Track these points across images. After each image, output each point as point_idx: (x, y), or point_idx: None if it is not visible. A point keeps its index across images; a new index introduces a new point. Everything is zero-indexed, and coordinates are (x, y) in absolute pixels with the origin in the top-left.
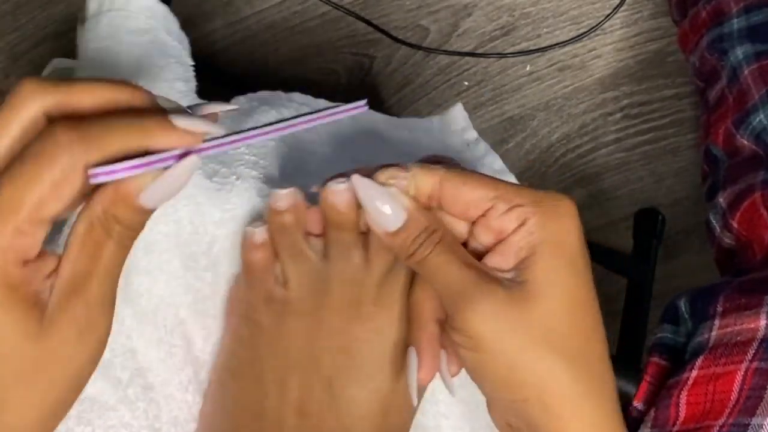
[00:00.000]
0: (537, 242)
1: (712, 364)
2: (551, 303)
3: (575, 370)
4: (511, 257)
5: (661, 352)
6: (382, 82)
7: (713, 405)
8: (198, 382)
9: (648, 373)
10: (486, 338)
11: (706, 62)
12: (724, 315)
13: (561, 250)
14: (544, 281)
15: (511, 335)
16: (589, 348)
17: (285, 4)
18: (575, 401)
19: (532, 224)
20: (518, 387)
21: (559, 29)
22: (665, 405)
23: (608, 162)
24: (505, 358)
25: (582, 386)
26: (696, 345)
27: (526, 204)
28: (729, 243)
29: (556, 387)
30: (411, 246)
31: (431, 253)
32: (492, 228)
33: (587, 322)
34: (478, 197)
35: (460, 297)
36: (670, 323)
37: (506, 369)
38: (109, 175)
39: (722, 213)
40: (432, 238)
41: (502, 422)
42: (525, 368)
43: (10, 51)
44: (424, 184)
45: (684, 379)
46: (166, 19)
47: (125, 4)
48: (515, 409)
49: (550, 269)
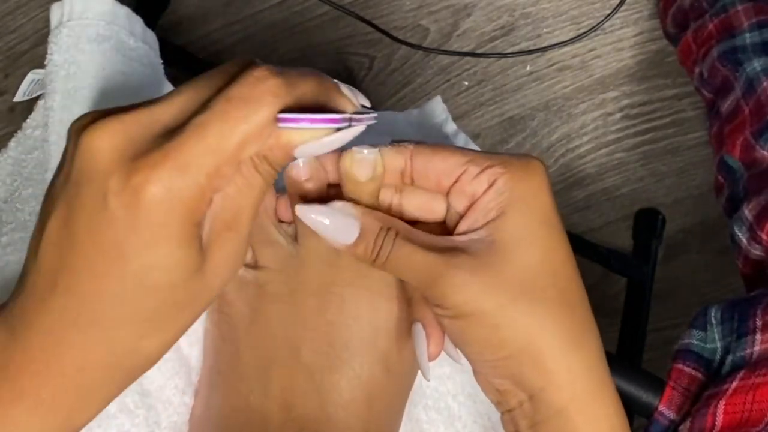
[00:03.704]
0: (507, 201)
1: (752, 375)
2: (524, 258)
3: (556, 319)
4: (482, 219)
5: (686, 358)
6: (382, 82)
7: (751, 414)
8: (193, 385)
9: (671, 378)
10: (463, 304)
11: (718, 73)
12: (765, 329)
13: (531, 206)
14: (514, 238)
15: (488, 296)
16: (568, 297)
17: (285, 4)
18: (559, 350)
19: (501, 184)
20: (502, 345)
21: (559, 29)
22: (702, 414)
23: (608, 162)
24: (486, 319)
25: (565, 335)
26: (738, 359)
27: (496, 165)
28: (758, 255)
29: (539, 338)
30: (373, 251)
31: (392, 250)
32: (465, 192)
33: (564, 272)
34: (450, 164)
35: (430, 279)
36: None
37: (488, 329)
38: (294, 122)
39: (749, 225)
40: (389, 235)
41: (490, 387)
42: (507, 325)
43: (9, 51)
44: (395, 161)
45: (723, 389)
46: (129, 21)
47: (83, 13)
48: (501, 368)
49: (521, 225)
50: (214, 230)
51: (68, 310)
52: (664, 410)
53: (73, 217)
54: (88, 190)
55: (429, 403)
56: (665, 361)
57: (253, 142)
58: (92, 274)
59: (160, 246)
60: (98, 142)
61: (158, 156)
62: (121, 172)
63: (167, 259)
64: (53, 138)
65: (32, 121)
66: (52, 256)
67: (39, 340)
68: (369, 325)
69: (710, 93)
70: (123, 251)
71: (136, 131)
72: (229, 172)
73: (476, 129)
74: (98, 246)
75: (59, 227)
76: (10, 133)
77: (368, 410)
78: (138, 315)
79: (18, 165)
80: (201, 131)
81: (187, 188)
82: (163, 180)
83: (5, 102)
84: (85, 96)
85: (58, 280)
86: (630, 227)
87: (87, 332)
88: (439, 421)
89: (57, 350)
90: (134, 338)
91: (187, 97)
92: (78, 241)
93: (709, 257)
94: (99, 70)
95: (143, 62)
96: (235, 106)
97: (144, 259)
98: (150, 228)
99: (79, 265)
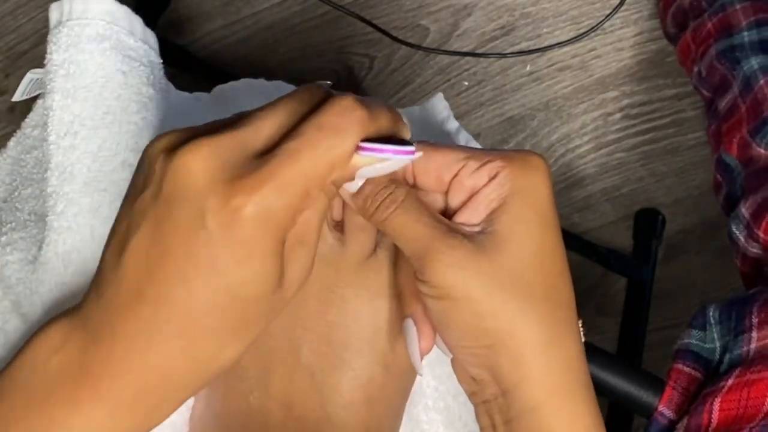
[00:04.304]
0: (508, 193)
1: (747, 372)
2: (518, 250)
3: (541, 315)
4: (482, 210)
5: (686, 358)
6: (382, 82)
7: (746, 410)
8: None
9: (671, 378)
10: (452, 286)
11: (716, 71)
12: (761, 326)
13: (530, 201)
14: (512, 229)
15: (477, 282)
16: (555, 295)
17: (285, 4)
18: (540, 346)
19: (503, 177)
20: (483, 333)
21: (559, 29)
22: (698, 412)
23: (608, 162)
24: (471, 305)
25: (547, 332)
26: (735, 357)
27: (497, 159)
28: (756, 253)
29: (520, 332)
30: (372, 204)
31: (395, 212)
32: (464, 186)
33: (554, 269)
34: (450, 159)
35: (425, 250)
36: (697, 329)
37: (472, 316)
38: (378, 152)
39: (746, 223)
40: (394, 196)
41: (466, 376)
42: (491, 314)
43: (9, 51)
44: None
45: (719, 387)
46: (129, 20)
47: (83, 12)
48: (480, 356)
49: (519, 218)
50: (289, 245)
51: (156, 318)
52: (663, 410)
53: (166, 233)
54: (183, 209)
55: (429, 403)
56: (665, 361)
57: (339, 167)
58: (185, 287)
59: (253, 262)
60: (194, 164)
61: (256, 179)
62: (218, 193)
63: (257, 274)
64: (52, 138)
65: (31, 121)
66: (139, 268)
67: (124, 346)
68: (369, 326)
69: (708, 91)
70: (218, 266)
71: (227, 154)
72: (317, 194)
73: (476, 129)
74: (193, 260)
75: (148, 242)
76: (10, 133)
77: (368, 410)
78: (223, 326)
79: (17, 165)
80: (295, 157)
81: (281, 209)
82: (261, 202)
83: (5, 102)
84: (85, 95)
85: (146, 290)
86: (630, 227)
87: (172, 340)
88: (439, 421)
89: (142, 356)
90: (216, 347)
91: (272, 122)
92: (171, 255)
93: (709, 257)
94: (99, 69)
95: (143, 62)
96: (326, 135)
97: (237, 274)
98: (245, 245)
99: (172, 277)
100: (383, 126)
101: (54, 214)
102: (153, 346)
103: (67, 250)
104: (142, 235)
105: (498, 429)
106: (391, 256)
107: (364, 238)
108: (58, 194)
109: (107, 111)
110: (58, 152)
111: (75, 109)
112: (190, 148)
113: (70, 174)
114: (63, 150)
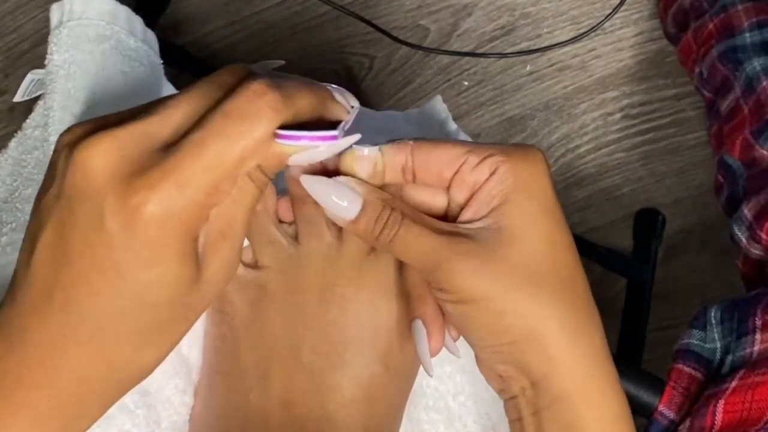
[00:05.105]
0: (509, 188)
1: (752, 374)
2: (529, 244)
3: (560, 306)
4: (485, 206)
5: (686, 358)
6: (382, 82)
7: (750, 413)
8: (193, 384)
9: (671, 378)
10: (468, 289)
11: (717, 72)
12: (765, 328)
13: (533, 193)
14: (519, 224)
15: (494, 281)
16: (571, 285)
17: (285, 4)
18: (563, 337)
19: (503, 172)
20: (506, 330)
21: (559, 29)
22: (701, 414)
23: (608, 162)
24: (490, 304)
25: (568, 322)
26: (738, 359)
27: (497, 154)
28: (758, 254)
29: (542, 325)
30: (375, 228)
31: (399, 231)
32: (466, 182)
33: (567, 260)
34: (451, 155)
35: (436, 263)
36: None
37: (493, 315)
38: (294, 139)
39: (748, 224)
40: (394, 216)
41: (493, 374)
42: (511, 311)
43: (9, 51)
44: (396, 157)
45: (723, 389)
46: (129, 21)
47: (84, 13)
48: (505, 353)
49: (525, 212)
50: (208, 240)
51: (67, 324)
52: (664, 410)
53: (68, 234)
54: (83, 209)
55: (429, 403)
56: (665, 361)
57: (251, 158)
58: (90, 291)
59: (159, 264)
60: (93, 160)
61: (156, 175)
62: (117, 191)
63: (166, 276)
64: (53, 138)
65: (32, 121)
66: (46, 269)
67: (37, 353)
68: (369, 325)
69: (710, 92)
70: (121, 270)
71: (130, 147)
72: (228, 187)
73: (476, 129)
74: (96, 264)
75: (53, 242)
76: (10, 133)
77: (368, 410)
78: (136, 330)
79: (18, 165)
80: (198, 149)
81: (186, 207)
82: (162, 200)
83: (5, 102)
84: (85, 96)
85: (54, 293)
86: (630, 227)
87: (85, 346)
88: (439, 421)
89: (55, 363)
90: (132, 351)
91: (182, 110)
92: (74, 257)
93: (709, 257)
94: (99, 70)
95: (143, 62)
96: (234, 123)
97: (143, 278)
98: (148, 247)
99: (77, 281)
100: (303, 109)
101: None
102: (66, 353)
103: None
104: (48, 235)
105: (525, 420)
106: (392, 256)
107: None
108: None
109: (107, 111)
110: None
111: (75, 110)
112: (90, 143)
113: None
114: None
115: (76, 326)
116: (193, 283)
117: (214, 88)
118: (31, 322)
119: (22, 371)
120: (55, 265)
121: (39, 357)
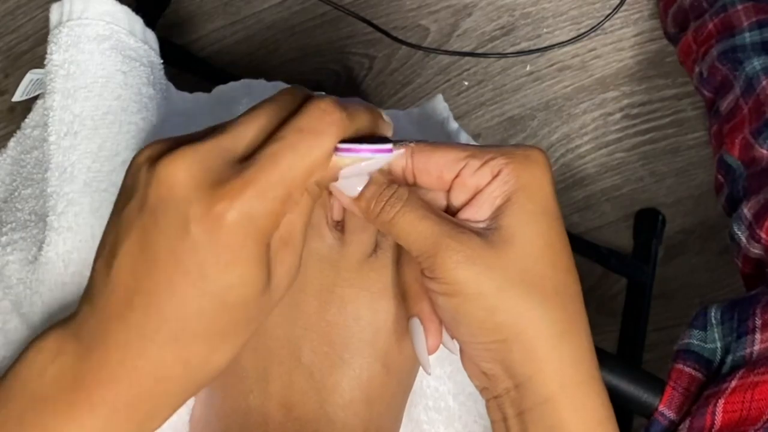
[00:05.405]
0: (512, 190)
1: (751, 374)
2: (527, 245)
3: (552, 309)
4: (487, 207)
5: (686, 358)
6: (382, 82)
7: (750, 412)
8: None
9: (671, 378)
10: (463, 282)
11: (717, 72)
12: (765, 328)
13: (535, 196)
14: (519, 225)
15: (488, 277)
16: (564, 288)
17: (285, 4)
18: (551, 340)
19: (506, 174)
20: (496, 328)
21: (559, 29)
22: (701, 413)
23: (608, 162)
24: (483, 300)
25: (559, 325)
26: (738, 359)
27: (499, 157)
28: (757, 254)
29: (533, 326)
30: (376, 206)
31: (399, 211)
32: (467, 185)
33: (562, 263)
34: (451, 159)
35: (434, 248)
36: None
37: (484, 311)
38: (355, 152)
39: (748, 224)
40: (397, 195)
41: (477, 372)
42: (503, 309)
43: (9, 51)
44: (397, 160)
45: (723, 389)
46: (129, 20)
47: (83, 12)
48: (492, 351)
49: (525, 214)
50: (274, 248)
51: (147, 326)
52: (663, 410)
53: (152, 242)
54: (168, 217)
55: (429, 404)
56: (665, 361)
57: (319, 169)
58: (173, 294)
59: (238, 267)
60: (177, 173)
61: (237, 185)
62: (201, 200)
63: (244, 278)
64: (53, 138)
65: (31, 121)
66: (128, 277)
67: (117, 354)
68: (369, 326)
69: (710, 92)
70: (204, 272)
71: (210, 161)
72: (298, 196)
73: (476, 129)
74: (180, 268)
75: (135, 251)
76: (10, 133)
77: (368, 410)
78: (213, 331)
79: (17, 165)
80: (275, 161)
81: (264, 213)
82: (243, 207)
83: (5, 102)
84: (85, 96)
85: (135, 299)
86: (630, 227)
87: (164, 347)
88: (439, 421)
89: (135, 363)
90: (207, 352)
91: (253, 127)
92: (158, 263)
93: (709, 257)
94: (99, 69)
95: (143, 62)
96: (306, 138)
97: (223, 280)
98: (229, 251)
99: (160, 286)
100: (362, 126)
101: (54, 215)
102: (145, 353)
103: (67, 250)
104: (130, 245)
105: (510, 421)
106: (392, 257)
107: (364, 238)
108: (59, 194)
109: (107, 111)
110: (59, 152)
111: (75, 110)
112: (172, 157)
113: (71, 174)
114: (63, 150)
115: (156, 328)
116: (265, 285)
117: (279, 108)
118: (111, 327)
119: (102, 372)
120: (138, 272)
121: (119, 358)
